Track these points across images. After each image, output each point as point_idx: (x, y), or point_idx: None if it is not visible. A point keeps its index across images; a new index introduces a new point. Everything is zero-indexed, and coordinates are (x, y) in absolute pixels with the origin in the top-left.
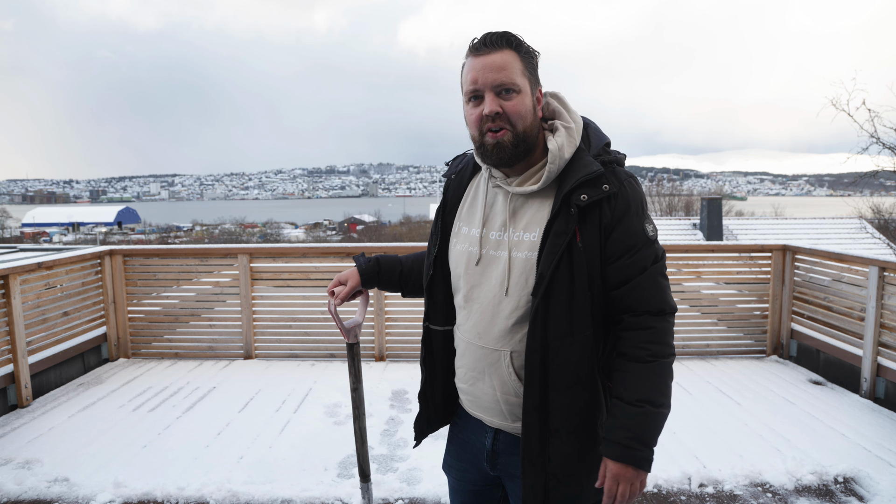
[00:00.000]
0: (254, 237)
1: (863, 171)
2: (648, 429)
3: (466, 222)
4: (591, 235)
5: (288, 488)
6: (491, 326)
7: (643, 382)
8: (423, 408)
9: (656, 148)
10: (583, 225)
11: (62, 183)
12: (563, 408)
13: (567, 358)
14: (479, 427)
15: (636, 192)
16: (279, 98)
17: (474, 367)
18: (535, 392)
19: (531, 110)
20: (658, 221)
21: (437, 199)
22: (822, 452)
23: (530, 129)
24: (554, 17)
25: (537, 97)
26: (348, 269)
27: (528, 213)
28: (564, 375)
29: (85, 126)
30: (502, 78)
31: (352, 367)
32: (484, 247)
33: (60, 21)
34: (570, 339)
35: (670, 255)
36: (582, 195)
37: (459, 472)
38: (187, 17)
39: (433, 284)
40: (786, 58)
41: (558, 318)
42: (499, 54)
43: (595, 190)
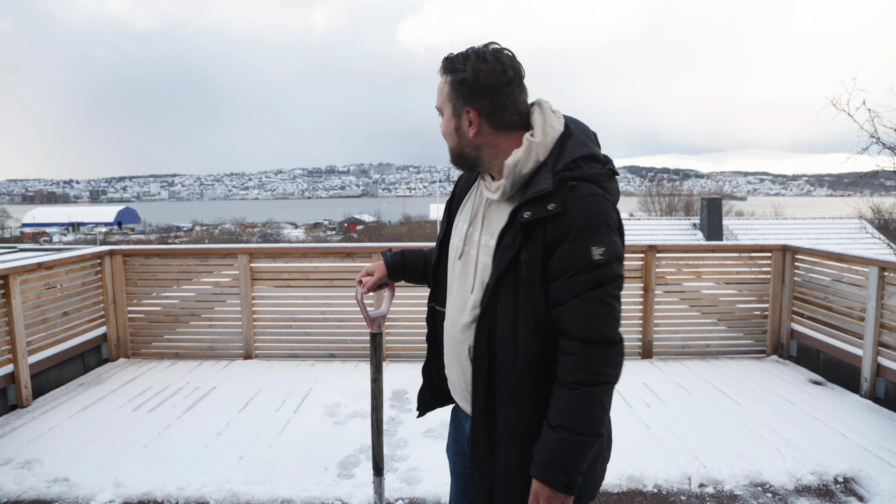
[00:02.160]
0: (254, 237)
1: (863, 171)
2: (564, 455)
3: (462, 217)
4: (535, 252)
5: (288, 488)
6: (458, 319)
7: (563, 409)
8: (425, 381)
9: (656, 148)
10: (529, 240)
11: (62, 183)
12: (508, 417)
13: (511, 368)
14: (464, 412)
15: (590, 212)
16: (279, 98)
17: (447, 353)
18: (482, 398)
19: (452, 132)
20: (658, 221)
21: (437, 199)
22: (822, 452)
23: (459, 147)
24: (554, 17)
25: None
26: (376, 263)
27: (495, 218)
28: (509, 385)
29: (84, 126)
30: (436, 101)
31: (373, 357)
32: (466, 244)
33: (58, 20)
34: (514, 350)
35: (670, 255)
36: (525, 212)
37: (455, 455)
38: (185, 16)
39: (437, 268)
40: (787, 57)
41: (503, 328)
42: (440, 80)
43: (539, 208)
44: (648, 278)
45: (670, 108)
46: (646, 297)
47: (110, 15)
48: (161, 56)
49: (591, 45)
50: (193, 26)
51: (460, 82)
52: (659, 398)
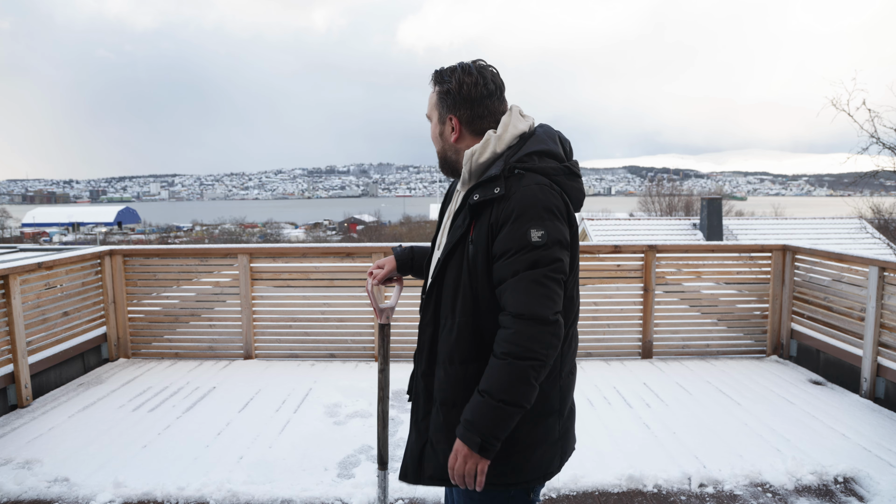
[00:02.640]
0: (254, 237)
1: (863, 171)
2: (482, 418)
3: (446, 215)
4: (481, 232)
5: (288, 488)
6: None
7: (490, 376)
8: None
9: (656, 148)
10: (476, 221)
11: (62, 183)
12: (441, 381)
13: (448, 337)
14: None
15: (532, 197)
16: (279, 97)
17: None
18: (424, 362)
19: (437, 137)
20: (658, 221)
21: (437, 199)
22: (822, 452)
23: (443, 151)
24: (554, 17)
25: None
26: (386, 257)
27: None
28: (443, 352)
29: (84, 126)
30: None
31: (381, 348)
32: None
33: (58, 20)
34: (452, 320)
35: (670, 255)
36: (475, 195)
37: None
38: (185, 16)
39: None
40: (787, 57)
41: (446, 300)
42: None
43: (486, 191)
44: (648, 278)
45: (670, 108)
46: (646, 297)
47: (109, 15)
48: (161, 56)
49: (591, 44)
50: (193, 26)
51: (446, 92)
52: (659, 398)
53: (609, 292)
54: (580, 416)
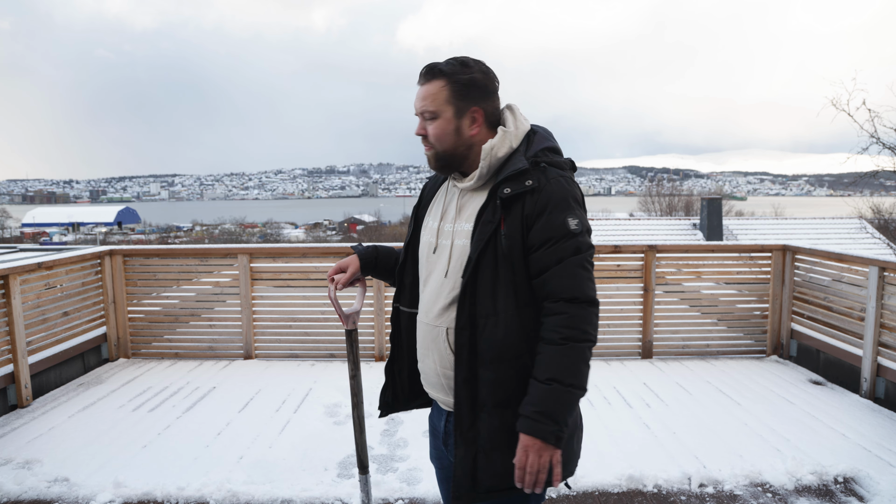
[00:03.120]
0: (254, 237)
1: (863, 171)
2: (554, 405)
3: (432, 216)
4: (514, 225)
5: (288, 488)
6: (434, 305)
7: (553, 363)
8: (388, 379)
9: (656, 148)
10: (507, 215)
11: (62, 183)
12: (490, 383)
13: (492, 335)
14: (438, 412)
15: (562, 188)
16: (278, 97)
17: (423, 343)
18: (465, 366)
19: (451, 132)
20: (658, 221)
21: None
22: (822, 452)
23: (452, 147)
24: (554, 17)
25: (473, 117)
26: (348, 257)
27: (469, 206)
28: (490, 351)
29: (84, 126)
30: (426, 106)
31: (350, 353)
32: (439, 237)
33: (57, 20)
34: (495, 318)
35: (670, 255)
36: (506, 188)
37: (438, 461)
38: (184, 16)
39: (403, 268)
40: (788, 57)
41: (484, 298)
42: (427, 86)
43: (518, 184)
44: (648, 278)
45: (670, 107)
46: (646, 297)
47: (109, 14)
48: (160, 56)
49: (591, 44)
50: (192, 26)
51: (468, 83)
52: (659, 398)
53: (609, 292)
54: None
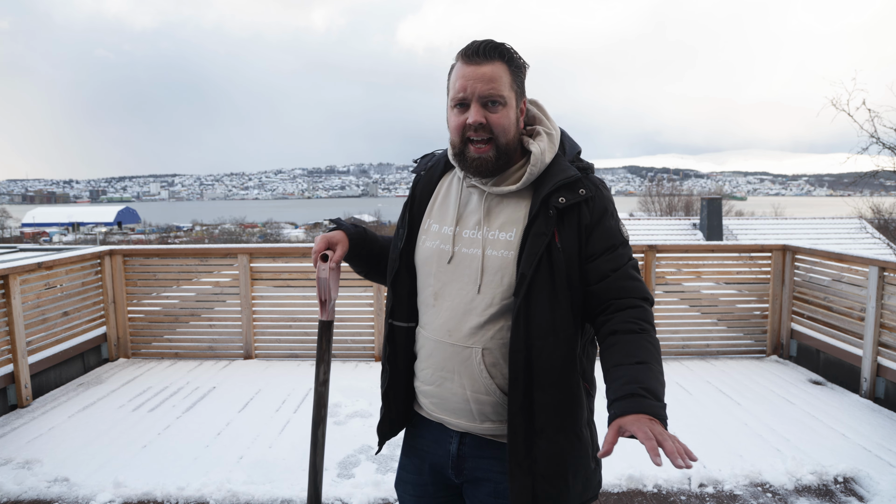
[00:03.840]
0: (254, 237)
1: (863, 171)
2: (653, 383)
3: (438, 220)
4: (570, 237)
5: (288, 488)
6: (462, 323)
7: (640, 348)
8: (386, 409)
9: (656, 148)
10: (560, 226)
11: (62, 183)
12: (548, 407)
13: (550, 357)
14: (441, 433)
15: (609, 197)
16: (278, 97)
17: (443, 366)
18: (520, 392)
19: (514, 123)
20: (658, 221)
21: None
22: (822, 452)
23: (512, 142)
24: (554, 16)
25: (521, 108)
26: (334, 232)
27: (504, 212)
28: (548, 374)
29: (84, 125)
30: (490, 90)
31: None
32: (457, 244)
33: (56, 19)
34: (554, 338)
35: (670, 255)
36: (560, 198)
37: (417, 487)
38: (184, 15)
39: (398, 279)
40: (788, 56)
41: (541, 317)
42: (490, 66)
43: (573, 193)
44: (648, 278)
45: (670, 107)
46: None
47: (108, 14)
48: (160, 55)
49: (592, 44)
50: (192, 25)
51: (523, 70)
52: None
53: None
54: None
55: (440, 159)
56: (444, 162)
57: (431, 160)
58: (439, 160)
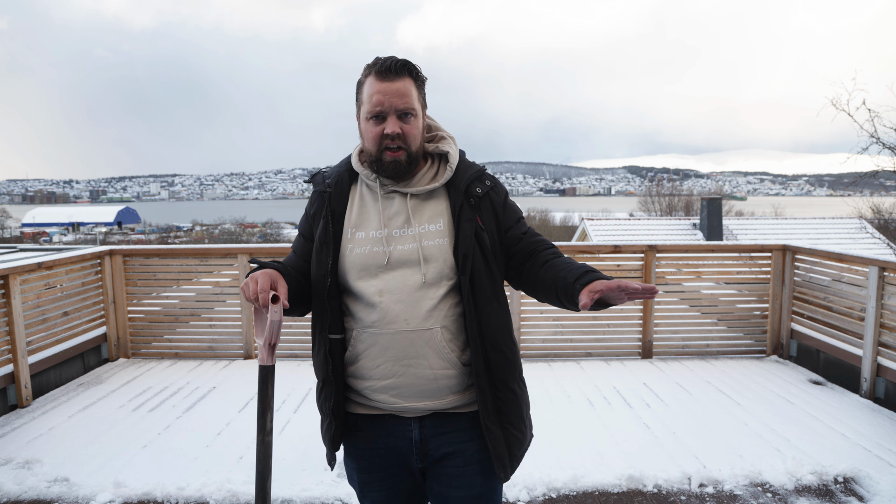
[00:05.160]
0: (254, 237)
1: (863, 171)
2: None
3: (361, 227)
4: (488, 219)
5: (288, 488)
6: (417, 309)
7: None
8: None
9: (656, 148)
10: (479, 212)
11: (62, 183)
12: (500, 363)
13: (494, 319)
14: (398, 425)
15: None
16: (278, 97)
17: (406, 353)
18: (480, 356)
19: (421, 132)
20: (658, 221)
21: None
22: (822, 452)
23: (420, 148)
24: (554, 16)
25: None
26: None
27: (427, 208)
28: (496, 335)
29: (83, 125)
30: (405, 104)
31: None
32: (390, 244)
33: (55, 19)
34: (496, 303)
35: (670, 255)
36: (477, 188)
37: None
38: (183, 15)
39: (332, 294)
40: (788, 56)
41: (483, 288)
42: (401, 82)
43: (482, 184)
44: (648, 278)
45: (670, 107)
46: None
47: (107, 14)
48: (159, 55)
49: (592, 44)
50: (191, 25)
51: (423, 85)
52: (659, 398)
53: None
54: (580, 416)
55: (341, 173)
56: (347, 175)
57: (331, 176)
58: (341, 174)
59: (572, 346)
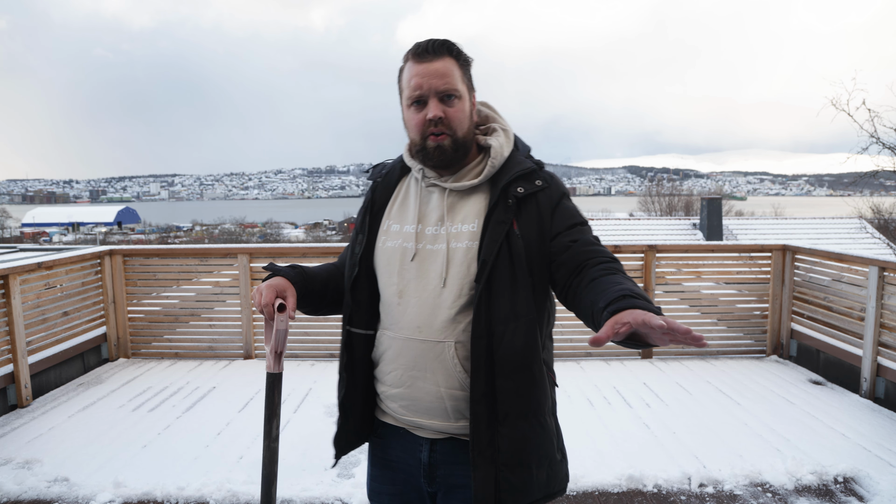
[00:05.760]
0: (254, 237)
1: (863, 171)
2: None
3: (397, 220)
4: (529, 224)
5: (288, 488)
6: (432, 318)
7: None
8: (344, 419)
9: (656, 148)
10: (519, 215)
11: (62, 183)
12: (511, 393)
13: (512, 342)
14: (411, 442)
15: (565, 187)
16: (278, 96)
17: (414, 364)
18: (482, 379)
19: (468, 116)
20: (658, 221)
21: None
22: (822, 452)
23: (467, 134)
24: (554, 15)
25: (472, 102)
26: (272, 280)
27: (465, 206)
28: (511, 360)
29: (83, 125)
30: (446, 84)
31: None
32: (420, 242)
33: (54, 19)
34: (515, 323)
35: (670, 255)
36: (518, 188)
37: (392, 497)
38: (182, 14)
39: (357, 284)
40: (789, 56)
41: (502, 302)
42: (441, 62)
43: (530, 184)
44: (648, 278)
45: (670, 107)
46: None
47: (106, 14)
48: (158, 55)
49: (592, 43)
50: (190, 25)
51: (467, 65)
52: (659, 398)
53: None
54: (580, 416)
55: (395, 165)
56: (399, 168)
57: (386, 167)
58: (394, 166)
59: (572, 346)
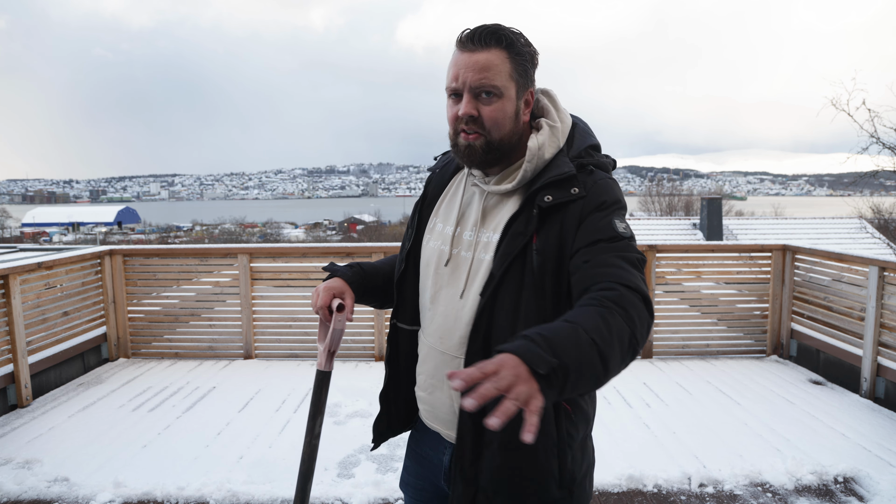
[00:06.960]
0: (254, 237)
1: (863, 171)
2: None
3: (442, 219)
4: (551, 239)
5: (288, 488)
6: (453, 331)
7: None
8: (384, 408)
9: (656, 148)
10: (542, 227)
11: (62, 183)
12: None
13: None
14: (437, 442)
15: (610, 190)
16: (278, 96)
17: (434, 373)
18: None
19: (512, 116)
20: (658, 221)
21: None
22: (822, 452)
23: (507, 137)
24: (554, 15)
25: (526, 100)
26: (330, 282)
27: (499, 213)
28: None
29: (83, 125)
30: (482, 80)
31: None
32: (455, 246)
33: (53, 18)
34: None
35: (670, 255)
36: (547, 196)
37: (416, 491)
38: (181, 14)
39: (404, 280)
40: (789, 55)
41: (503, 323)
42: (485, 53)
43: (562, 192)
44: (648, 278)
45: (671, 107)
46: None
47: (105, 13)
48: (158, 55)
49: (592, 43)
50: (189, 24)
51: (530, 58)
52: (659, 398)
53: None
54: None
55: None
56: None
57: (445, 159)
58: (453, 159)
59: None
